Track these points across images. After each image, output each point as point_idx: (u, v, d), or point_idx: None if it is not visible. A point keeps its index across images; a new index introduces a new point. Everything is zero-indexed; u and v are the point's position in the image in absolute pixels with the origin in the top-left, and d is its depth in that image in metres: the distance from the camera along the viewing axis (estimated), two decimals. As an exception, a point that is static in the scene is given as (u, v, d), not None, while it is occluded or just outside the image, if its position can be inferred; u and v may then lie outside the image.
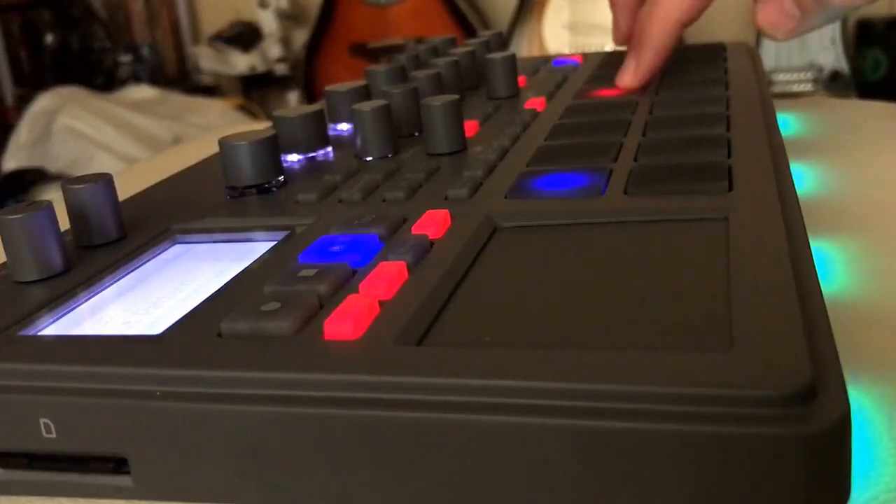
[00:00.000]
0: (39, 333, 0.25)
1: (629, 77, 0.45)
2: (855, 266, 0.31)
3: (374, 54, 1.80)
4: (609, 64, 0.54)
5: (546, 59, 0.59)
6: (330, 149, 0.40)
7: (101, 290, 0.28)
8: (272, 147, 0.35)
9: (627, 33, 0.50)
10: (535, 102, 0.45)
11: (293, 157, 0.39)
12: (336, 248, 0.27)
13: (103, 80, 2.14)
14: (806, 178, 0.40)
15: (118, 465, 0.22)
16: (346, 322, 0.22)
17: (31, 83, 2.08)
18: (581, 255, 0.26)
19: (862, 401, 0.23)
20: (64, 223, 0.30)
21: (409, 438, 0.19)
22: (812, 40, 1.42)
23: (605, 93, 0.46)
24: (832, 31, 1.40)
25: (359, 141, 0.38)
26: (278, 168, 0.35)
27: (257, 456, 0.20)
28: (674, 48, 0.45)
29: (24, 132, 1.80)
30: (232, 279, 0.27)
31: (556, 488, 0.18)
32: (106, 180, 0.31)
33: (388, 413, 0.19)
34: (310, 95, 1.96)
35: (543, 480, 0.18)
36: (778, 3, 0.40)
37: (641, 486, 0.18)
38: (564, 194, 0.30)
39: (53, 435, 0.22)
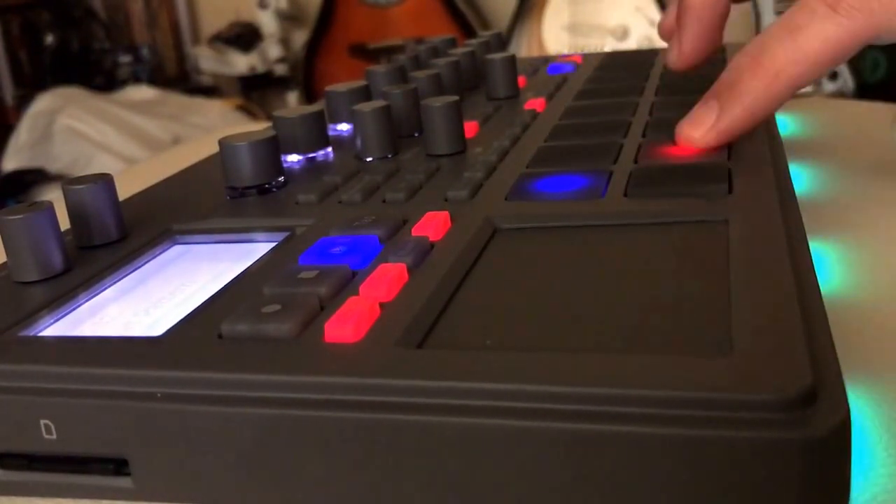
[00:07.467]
0: (40, 334, 0.25)
1: (673, 58, 0.42)
2: (855, 266, 0.31)
3: (373, 55, 1.81)
4: (607, 66, 0.54)
5: (545, 60, 0.59)
6: (330, 149, 0.40)
7: (102, 291, 0.28)
8: (272, 147, 0.35)
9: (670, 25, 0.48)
10: (534, 103, 0.45)
11: (293, 158, 0.39)
12: (336, 250, 0.27)
13: (103, 80, 2.14)
14: (805, 178, 0.40)
15: (119, 466, 0.22)
16: (346, 324, 0.22)
17: (31, 83, 2.08)
18: (581, 258, 0.26)
19: (861, 402, 0.23)
20: (64, 223, 0.30)
21: (409, 441, 0.19)
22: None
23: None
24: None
25: (359, 141, 0.38)
26: (278, 168, 0.35)
27: (257, 458, 0.20)
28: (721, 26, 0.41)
29: (24, 132, 1.80)
30: (232, 280, 0.27)
31: (556, 491, 0.18)
32: (106, 180, 0.31)
33: (388, 416, 0.19)
34: (309, 96, 1.96)
35: (543, 483, 0.18)
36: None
37: (641, 490, 0.18)
38: (564, 196, 0.30)
39: (54, 436, 0.22)
